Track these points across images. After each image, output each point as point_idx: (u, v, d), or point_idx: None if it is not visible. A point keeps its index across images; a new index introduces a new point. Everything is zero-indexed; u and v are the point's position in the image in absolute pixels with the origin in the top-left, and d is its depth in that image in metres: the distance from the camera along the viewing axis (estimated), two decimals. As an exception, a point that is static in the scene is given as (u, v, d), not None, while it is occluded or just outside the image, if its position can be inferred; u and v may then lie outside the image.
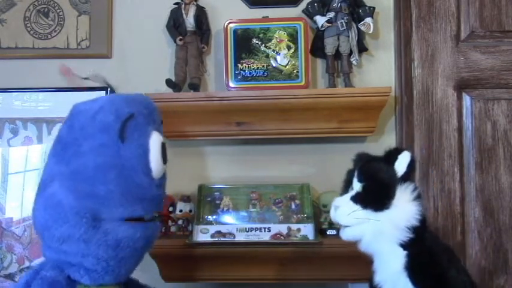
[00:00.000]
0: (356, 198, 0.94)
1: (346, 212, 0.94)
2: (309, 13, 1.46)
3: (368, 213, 0.92)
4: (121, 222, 0.91)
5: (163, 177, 1.01)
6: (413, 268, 0.90)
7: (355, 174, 0.96)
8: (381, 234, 0.92)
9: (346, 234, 0.97)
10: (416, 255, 0.91)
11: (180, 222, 1.44)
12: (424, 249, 0.92)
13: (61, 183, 0.91)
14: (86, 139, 0.92)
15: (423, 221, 0.94)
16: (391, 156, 0.95)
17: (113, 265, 0.91)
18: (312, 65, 1.47)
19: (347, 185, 0.99)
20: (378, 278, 0.96)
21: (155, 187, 0.97)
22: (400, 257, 0.92)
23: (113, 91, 1.51)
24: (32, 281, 0.90)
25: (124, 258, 0.92)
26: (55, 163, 0.94)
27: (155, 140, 0.97)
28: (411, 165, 0.94)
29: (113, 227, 0.90)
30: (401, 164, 0.93)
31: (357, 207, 0.93)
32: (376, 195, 0.92)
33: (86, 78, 1.39)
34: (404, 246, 0.92)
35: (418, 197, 0.94)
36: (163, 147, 1.00)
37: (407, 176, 0.94)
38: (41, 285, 0.87)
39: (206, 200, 1.43)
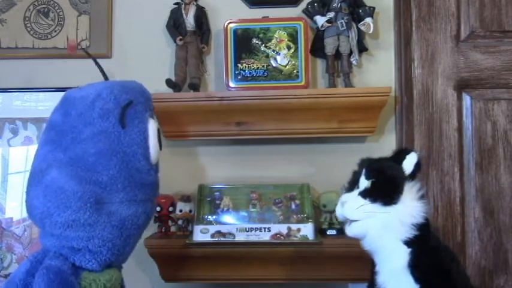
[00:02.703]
0: (365, 193, 0.94)
1: (354, 207, 0.94)
2: (309, 13, 1.46)
3: (377, 207, 0.92)
4: (121, 202, 0.92)
5: (157, 163, 1.03)
6: (417, 265, 0.91)
7: (363, 172, 0.96)
8: (387, 228, 0.92)
9: (352, 230, 0.97)
10: (420, 252, 0.92)
11: (180, 222, 1.44)
12: (428, 247, 0.93)
13: (60, 170, 0.90)
14: (86, 126, 0.92)
15: (428, 219, 0.95)
16: (399, 155, 0.97)
17: (118, 245, 0.92)
18: (312, 65, 1.47)
19: (352, 186, 0.99)
20: (380, 279, 0.96)
21: (153, 172, 1.00)
22: (404, 254, 0.92)
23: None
24: (33, 270, 0.88)
25: (128, 236, 0.94)
26: (50, 151, 0.94)
27: (152, 126, 0.99)
28: (418, 166, 0.96)
29: (116, 208, 0.91)
30: (408, 164, 0.96)
31: (366, 201, 0.93)
32: (385, 190, 0.93)
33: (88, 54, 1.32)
34: (408, 243, 0.92)
35: (422, 197, 0.95)
36: (159, 133, 1.02)
37: (414, 176, 0.96)
38: (46, 275, 0.85)
39: (206, 200, 1.43)
